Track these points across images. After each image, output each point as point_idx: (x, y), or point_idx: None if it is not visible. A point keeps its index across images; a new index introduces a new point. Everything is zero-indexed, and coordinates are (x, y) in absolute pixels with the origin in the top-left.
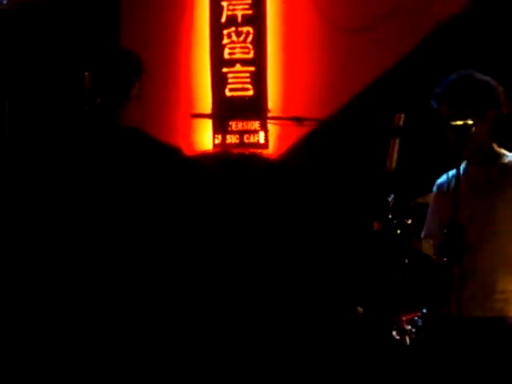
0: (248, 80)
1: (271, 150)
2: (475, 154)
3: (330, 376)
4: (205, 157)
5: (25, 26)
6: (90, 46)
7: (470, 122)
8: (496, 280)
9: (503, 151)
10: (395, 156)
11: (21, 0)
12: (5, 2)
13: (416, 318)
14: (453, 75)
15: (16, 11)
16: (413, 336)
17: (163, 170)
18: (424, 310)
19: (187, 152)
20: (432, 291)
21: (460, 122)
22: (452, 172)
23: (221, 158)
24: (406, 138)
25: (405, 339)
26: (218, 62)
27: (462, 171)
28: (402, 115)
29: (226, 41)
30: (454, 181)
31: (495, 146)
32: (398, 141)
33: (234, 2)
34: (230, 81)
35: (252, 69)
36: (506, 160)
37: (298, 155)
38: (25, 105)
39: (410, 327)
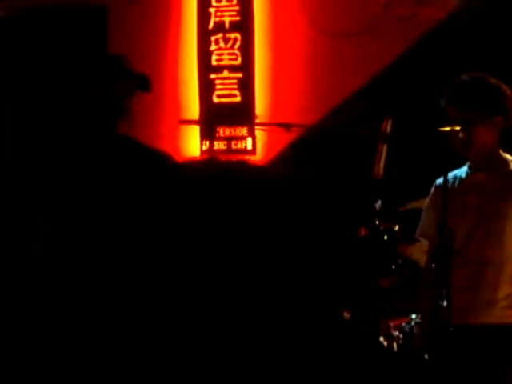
0: (236, 86)
1: (259, 157)
2: (481, 159)
3: (316, 380)
4: (194, 163)
5: (13, 34)
6: (86, 55)
7: (457, 128)
8: (501, 287)
9: (510, 157)
10: (383, 162)
11: (12, 7)
12: None
13: (404, 324)
14: (464, 76)
15: (5, 19)
16: (400, 342)
17: (154, 175)
18: (412, 316)
19: (175, 158)
20: (424, 298)
21: (447, 128)
22: (453, 173)
23: (209, 165)
24: (394, 144)
25: (392, 345)
26: (206, 68)
27: (465, 176)
28: (389, 121)
29: (213, 47)
30: (455, 182)
31: (501, 153)
32: (385, 147)
33: (221, 9)
34: (217, 87)
35: (240, 75)
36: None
37: (286, 161)
38: (20, 112)
39: (397, 333)
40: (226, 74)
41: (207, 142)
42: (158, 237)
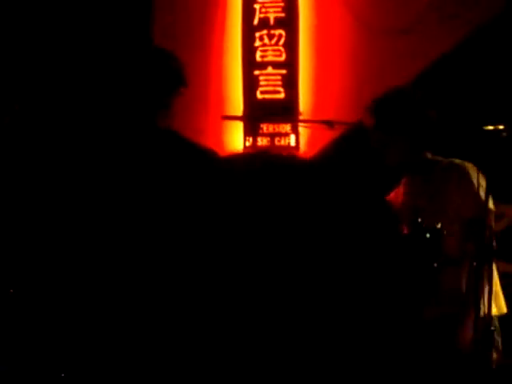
0: (279, 83)
1: (302, 153)
2: (409, 165)
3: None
4: (239, 157)
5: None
6: (134, 49)
7: (501, 127)
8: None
9: (439, 158)
10: None
11: None
12: None
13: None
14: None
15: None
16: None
17: (197, 169)
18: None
19: (219, 153)
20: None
21: (491, 127)
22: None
23: (256, 158)
24: (437, 143)
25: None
26: (250, 64)
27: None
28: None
29: (258, 43)
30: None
31: (429, 155)
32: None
33: (266, 5)
34: (261, 83)
35: (284, 71)
36: (443, 165)
37: (329, 158)
38: (59, 103)
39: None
40: (270, 70)
41: (250, 138)
42: (203, 230)
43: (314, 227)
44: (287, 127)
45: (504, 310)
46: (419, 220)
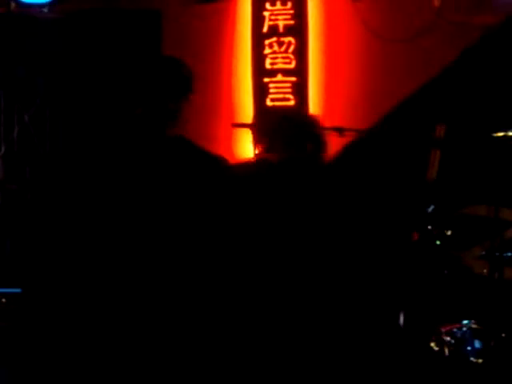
0: (289, 90)
1: None
2: None
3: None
4: (250, 164)
5: (68, 36)
6: (143, 56)
7: (511, 133)
8: None
9: None
10: (435, 167)
11: (66, 9)
12: (45, 10)
13: (455, 330)
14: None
15: (60, 20)
16: (452, 348)
17: (207, 176)
18: (464, 322)
19: (229, 160)
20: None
21: (501, 134)
22: None
23: (263, 165)
24: (448, 149)
25: (443, 350)
26: (260, 71)
27: None
28: (443, 126)
29: (267, 51)
30: None
31: None
32: (438, 152)
33: (275, 12)
34: (271, 91)
35: (293, 79)
36: None
37: (338, 165)
38: (71, 112)
39: (448, 338)
40: (279, 77)
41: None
42: (214, 236)
43: (324, 232)
44: None
45: None
46: (429, 227)
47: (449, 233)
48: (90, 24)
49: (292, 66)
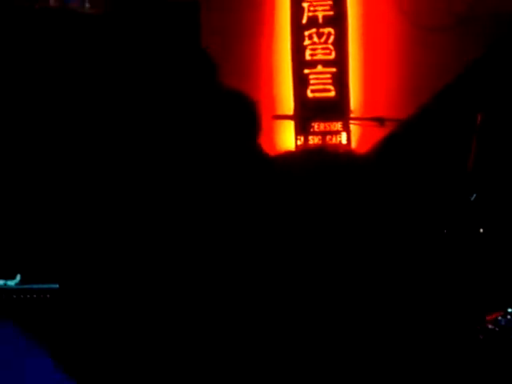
0: (330, 81)
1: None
2: None
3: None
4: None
5: (109, 31)
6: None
7: None
8: None
9: None
10: (473, 156)
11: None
12: (87, 5)
13: (499, 318)
14: None
15: (101, 16)
16: (496, 336)
17: (251, 169)
18: (509, 309)
19: (270, 153)
20: None
21: None
22: None
23: (313, 155)
24: (484, 138)
25: (488, 339)
26: (300, 63)
27: None
28: (481, 115)
29: (307, 42)
30: None
31: None
32: (475, 141)
33: (314, 3)
34: (311, 82)
35: (333, 70)
36: None
37: (380, 156)
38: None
39: (492, 327)
40: (319, 68)
41: (302, 137)
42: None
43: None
44: (338, 125)
45: None
46: (471, 215)
47: (491, 220)
48: (131, 17)
49: (332, 56)
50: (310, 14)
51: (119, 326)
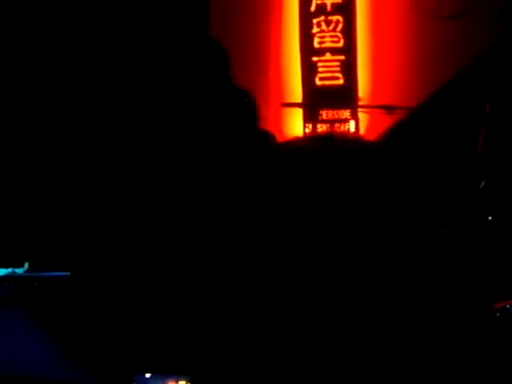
0: (338, 69)
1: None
2: None
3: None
4: (303, 140)
5: (117, 19)
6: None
7: None
8: None
9: None
10: (481, 145)
11: None
12: None
13: (508, 306)
14: None
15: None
16: (504, 325)
17: (258, 154)
18: None
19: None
20: None
21: None
22: None
23: (321, 141)
24: (493, 127)
25: (496, 327)
26: (308, 51)
27: None
28: (489, 104)
29: (315, 30)
30: None
31: None
32: (484, 130)
33: None
34: (320, 70)
35: (342, 57)
36: None
37: (388, 143)
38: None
39: (501, 315)
40: (328, 56)
41: (310, 125)
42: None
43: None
44: (346, 113)
45: None
46: (481, 202)
47: (501, 208)
48: (138, 9)
49: (340, 44)
50: (319, 1)
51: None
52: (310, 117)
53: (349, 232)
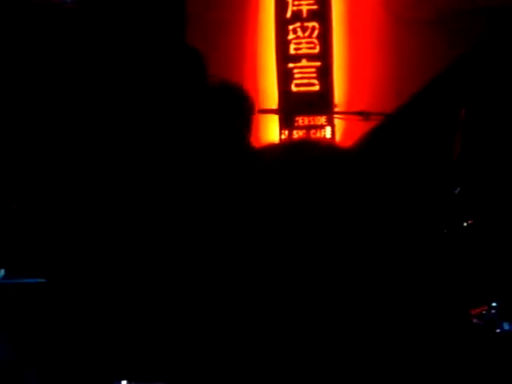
0: (314, 75)
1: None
2: None
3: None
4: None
5: (92, 25)
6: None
7: None
8: None
9: None
10: (457, 150)
11: None
12: (69, 0)
13: (484, 312)
14: None
15: (81, 10)
16: (481, 331)
17: (233, 162)
18: (493, 304)
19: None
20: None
21: None
22: None
23: (295, 147)
24: (469, 133)
25: (473, 333)
26: (284, 57)
27: None
28: (464, 109)
29: (291, 36)
30: None
31: None
32: (459, 135)
33: None
34: (296, 76)
35: (318, 64)
36: None
37: (364, 149)
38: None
39: (477, 321)
40: (304, 62)
41: (286, 131)
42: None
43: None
44: (322, 119)
45: None
46: (455, 209)
47: (476, 214)
48: (112, 12)
49: (316, 50)
50: (295, 8)
51: (113, 321)
52: (286, 123)
53: (322, 237)
